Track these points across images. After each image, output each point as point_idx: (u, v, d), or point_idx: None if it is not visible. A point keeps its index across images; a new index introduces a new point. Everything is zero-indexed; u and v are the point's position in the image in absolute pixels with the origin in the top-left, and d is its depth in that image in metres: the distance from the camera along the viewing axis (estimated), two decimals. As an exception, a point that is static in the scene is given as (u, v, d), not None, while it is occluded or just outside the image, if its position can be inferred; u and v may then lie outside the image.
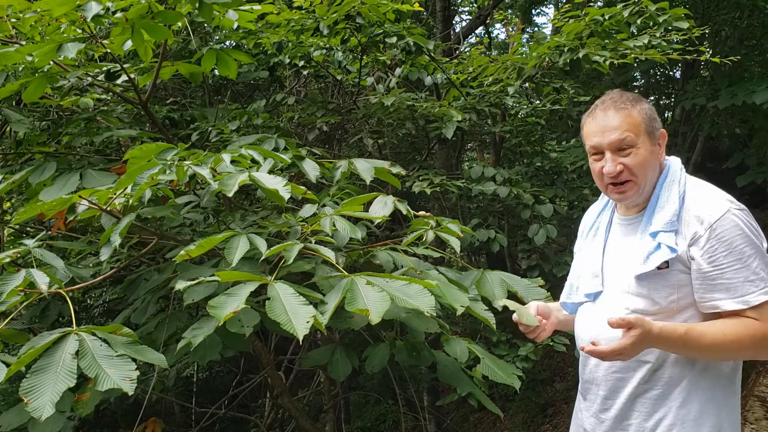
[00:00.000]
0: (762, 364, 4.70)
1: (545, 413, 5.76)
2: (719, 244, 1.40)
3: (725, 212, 1.42)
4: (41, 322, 2.54)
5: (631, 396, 1.52)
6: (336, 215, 2.00)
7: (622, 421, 1.54)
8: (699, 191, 1.50)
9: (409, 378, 3.76)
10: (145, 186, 1.86)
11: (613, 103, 1.52)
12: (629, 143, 1.49)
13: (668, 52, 3.37)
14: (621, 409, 1.54)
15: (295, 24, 3.58)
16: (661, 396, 1.48)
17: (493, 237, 3.95)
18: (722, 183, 1.57)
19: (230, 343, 2.12)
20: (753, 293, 1.39)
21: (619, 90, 1.59)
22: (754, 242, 1.41)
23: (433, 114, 3.73)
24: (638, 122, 1.49)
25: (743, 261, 1.40)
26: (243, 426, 5.71)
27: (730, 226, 1.41)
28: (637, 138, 1.49)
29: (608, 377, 1.56)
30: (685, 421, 1.46)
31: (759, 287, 1.39)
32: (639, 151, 1.49)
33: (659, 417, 1.48)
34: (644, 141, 1.49)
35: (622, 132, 1.49)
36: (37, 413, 1.31)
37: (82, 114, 2.98)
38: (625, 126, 1.49)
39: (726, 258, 1.40)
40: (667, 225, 1.46)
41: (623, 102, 1.52)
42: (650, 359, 1.49)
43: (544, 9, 11.92)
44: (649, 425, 1.50)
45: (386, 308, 1.54)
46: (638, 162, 1.49)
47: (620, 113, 1.50)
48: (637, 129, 1.49)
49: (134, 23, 2.31)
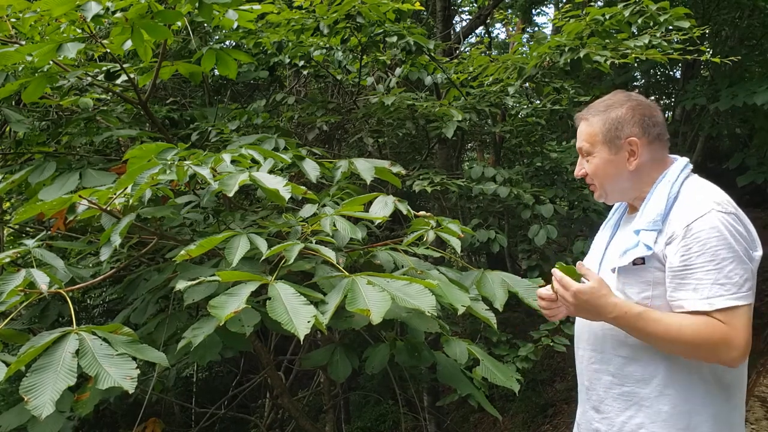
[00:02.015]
0: (762, 364, 4.70)
1: (545, 413, 5.76)
2: (693, 243, 1.39)
3: (705, 213, 1.41)
4: (41, 322, 2.54)
5: (605, 389, 1.56)
6: (336, 215, 2.00)
7: (599, 412, 1.58)
8: (692, 192, 1.49)
9: (409, 378, 3.76)
10: (145, 186, 1.85)
11: (585, 112, 1.64)
12: (586, 151, 1.61)
13: (669, 52, 3.36)
14: (597, 400, 1.58)
15: (295, 24, 3.58)
16: (632, 393, 1.50)
17: (494, 237, 3.94)
18: (722, 183, 1.56)
19: (230, 343, 2.12)
20: (721, 296, 1.37)
21: (612, 93, 1.64)
22: (733, 246, 1.38)
23: (434, 114, 3.72)
24: (594, 132, 1.58)
25: (715, 263, 1.37)
26: (243, 426, 5.71)
27: (707, 227, 1.39)
28: (592, 147, 1.59)
29: (589, 368, 1.61)
30: (654, 420, 1.46)
31: (729, 291, 1.37)
32: (594, 158, 1.59)
33: (630, 414, 1.50)
34: (600, 150, 1.58)
35: (580, 141, 1.62)
36: (37, 412, 1.31)
37: (81, 114, 2.97)
38: (583, 136, 1.61)
39: (698, 258, 1.39)
40: (650, 224, 1.48)
41: (591, 111, 1.62)
42: (624, 353, 1.51)
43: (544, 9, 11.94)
44: (620, 420, 1.52)
45: (387, 308, 1.54)
46: (592, 169, 1.60)
47: (584, 123, 1.62)
48: (593, 139, 1.59)
49: (134, 23, 2.31)
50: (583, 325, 1.64)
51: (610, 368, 1.54)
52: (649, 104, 1.60)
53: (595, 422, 1.59)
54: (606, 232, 1.72)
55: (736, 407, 1.49)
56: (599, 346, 1.58)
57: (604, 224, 1.78)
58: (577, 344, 1.69)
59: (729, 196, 1.48)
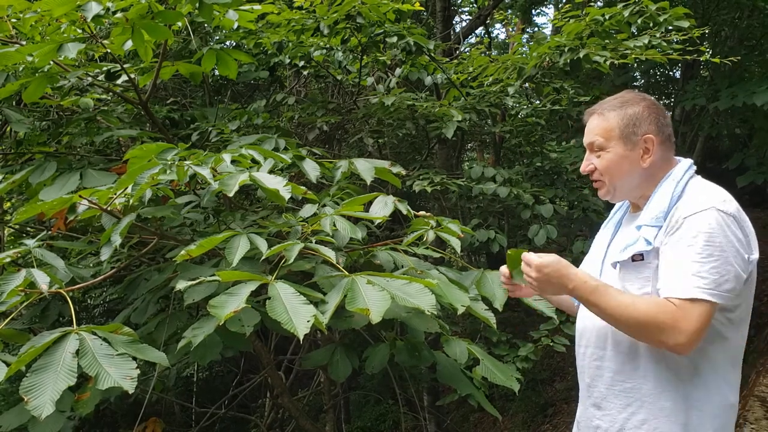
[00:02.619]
0: (762, 364, 4.69)
1: (545, 413, 5.77)
2: (686, 235, 1.40)
3: (704, 209, 1.41)
4: (41, 322, 2.54)
5: (607, 386, 1.56)
6: (336, 215, 2.00)
7: (600, 409, 1.58)
8: (696, 191, 1.50)
9: (409, 378, 3.76)
10: (145, 186, 1.86)
11: (599, 107, 1.62)
12: (599, 146, 1.59)
13: (668, 52, 3.37)
14: (599, 397, 1.58)
15: (296, 24, 3.58)
16: (634, 389, 1.50)
17: (493, 237, 3.95)
18: (722, 183, 1.57)
19: (230, 343, 2.12)
20: (696, 288, 1.35)
21: (624, 92, 1.64)
22: (722, 246, 1.38)
23: (434, 114, 3.73)
24: (610, 127, 1.57)
25: (702, 257, 1.37)
26: (243, 426, 5.71)
27: (702, 222, 1.40)
28: (607, 142, 1.58)
29: (590, 365, 1.61)
30: (657, 416, 1.46)
31: (707, 286, 1.35)
32: (607, 154, 1.58)
33: (632, 410, 1.50)
34: (615, 145, 1.57)
35: (593, 135, 1.60)
36: (37, 411, 1.31)
37: (82, 114, 2.98)
38: (597, 130, 1.59)
39: (686, 249, 1.39)
40: (653, 220, 1.48)
41: (606, 107, 1.61)
42: (625, 350, 1.52)
43: (544, 9, 11.94)
44: (623, 417, 1.52)
45: (387, 307, 1.54)
46: (603, 164, 1.59)
47: (598, 117, 1.60)
48: (608, 134, 1.57)
49: (134, 23, 2.31)
50: (586, 322, 1.65)
51: (612, 365, 1.55)
52: (661, 105, 1.61)
53: (596, 419, 1.59)
54: (607, 231, 1.73)
55: (732, 405, 1.50)
56: (602, 343, 1.58)
57: (605, 223, 1.79)
58: (579, 342, 1.69)
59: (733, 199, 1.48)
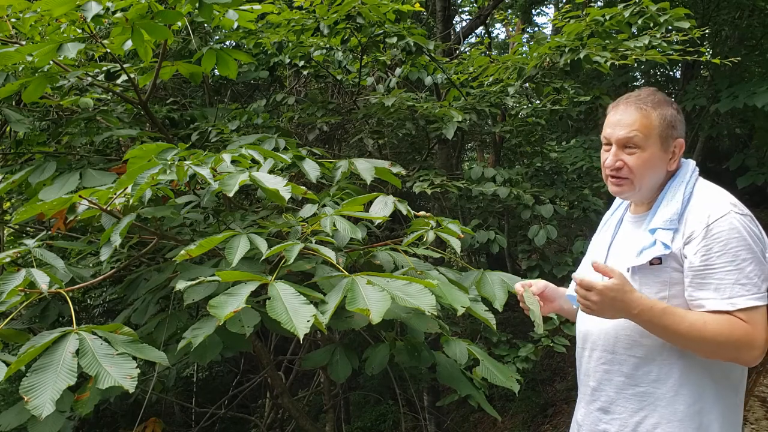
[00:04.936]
0: (762, 364, 4.69)
1: (545, 413, 5.76)
2: (714, 244, 1.40)
3: (725, 214, 1.42)
4: (41, 322, 2.54)
5: (617, 390, 1.54)
6: (336, 215, 2.00)
7: (608, 413, 1.56)
8: (706, 193, 1.50)
9: (409, 378, 3.76)
10: (145, 186, 1.85)
11: (636, 101, 1.54)
12: (636, 143, 1.51)
13: (669, 52, 3.36)
14: (607, 401, 1.56)
15: (296, 24, 3.58)
16: (647, 393, 1.49)
17: (493, 238, 3.95)
18: (722, 183, 1.57)
19: (230, 343, 2.12)
20: (742, 297, 1.38)
21: (653, 89, 1.60)
22: (752, 247, 1.40)
23: (434, 114, 3.72)
24: (652, 125, 1.51)
25: (736, 264, 1.39)
26: (243, 426, 5.70)
27: (727, 228, 1.40)
28: (645, 140, 1.50)
29: (597, 368, 1.59)
30: (670, 420, 1.46)
31: (750, 291, 1.38)
32: (643, 153, 1.51)
33: (644, 414, 1.49)
34: (653, 144, 1.51)
35: (631, 130, 1.51)
36: (37, 411, 1.31)
37: (82, 114, 2.98)
38: (637, 126, 1.51)
39: (719, 258, 1.40)
40: (667, 223, 1.47)
41: (646, 102, 1.53)
42: (639, 354, 1.50)
43: (544, 9, 11.94)
44: (634, 420, 1.50)
45: (387, 308, 1.54)
46: (638, 163, 1.51)
47: (638, 112, 1.52)
48: (648, 131, 1.51)
49: (134, 23, 2.31)
50: (591, 325, 1.62)
51: (624, 369, 1.53)
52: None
53: (602, 423, 1.57)
54: (607, 232, 1.71)
55: (739, 405, 1.51)
56: (610, 347, 1.56)
57: (603, 224, 1.77)
58: (583, 345, 1.66)
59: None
